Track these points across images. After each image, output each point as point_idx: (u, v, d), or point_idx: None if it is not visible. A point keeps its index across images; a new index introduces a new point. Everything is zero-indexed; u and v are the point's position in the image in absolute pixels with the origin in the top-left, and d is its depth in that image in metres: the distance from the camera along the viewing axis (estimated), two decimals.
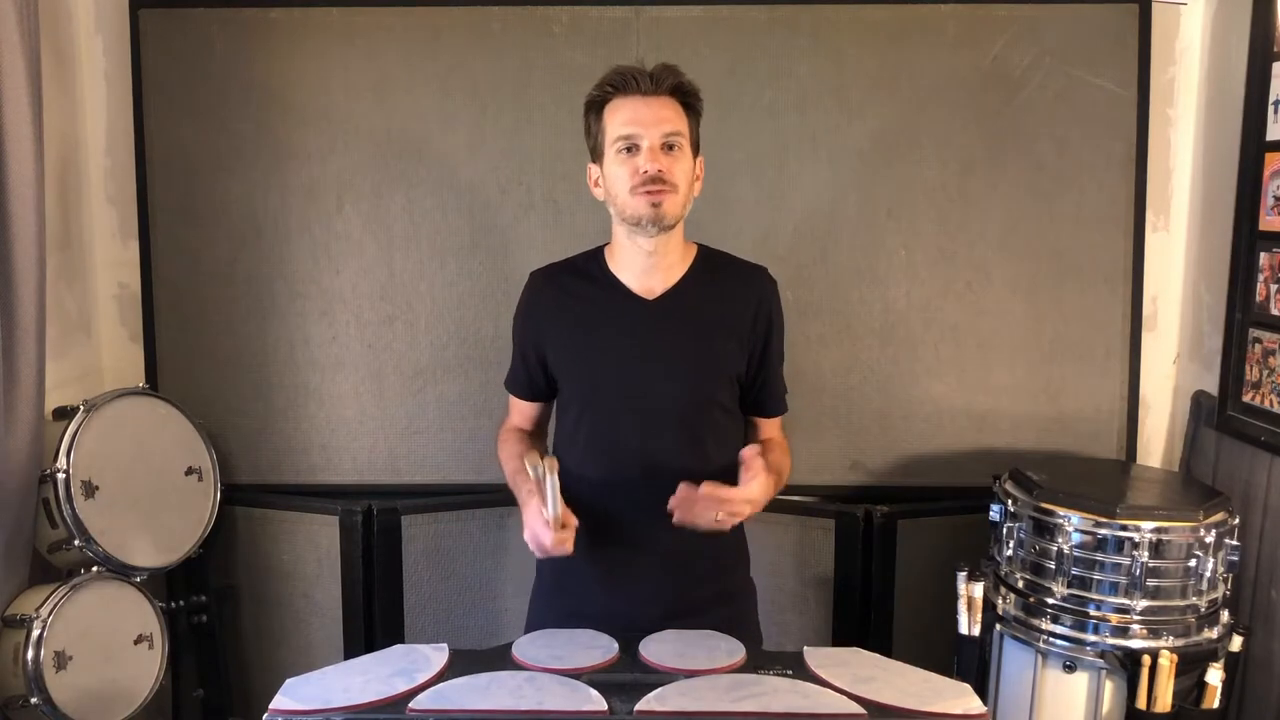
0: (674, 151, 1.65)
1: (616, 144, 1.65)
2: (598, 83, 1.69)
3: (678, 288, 1.75)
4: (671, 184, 1.64)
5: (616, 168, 1.66)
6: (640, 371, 1.74)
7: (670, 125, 1.64)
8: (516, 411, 1.93)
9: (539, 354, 1.82)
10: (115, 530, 2.19)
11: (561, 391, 1.84)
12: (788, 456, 1.87)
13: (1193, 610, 1.97)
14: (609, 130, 1.66)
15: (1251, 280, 2.26)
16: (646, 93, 1.64)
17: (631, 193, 1.64)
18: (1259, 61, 2.22)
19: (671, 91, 1.66)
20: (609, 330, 1.76)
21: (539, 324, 1.81)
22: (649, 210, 1.64)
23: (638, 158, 1.63)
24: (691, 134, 1.69)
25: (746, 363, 1.79)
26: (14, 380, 2.01)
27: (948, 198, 2.49)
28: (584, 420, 1.79)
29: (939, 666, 1.55)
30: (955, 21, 2.45)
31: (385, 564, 2.49)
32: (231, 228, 2.52)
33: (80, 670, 2.10)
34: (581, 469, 1.79)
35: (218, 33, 2.46)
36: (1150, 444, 2.63)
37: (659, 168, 1.62)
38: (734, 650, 1.57)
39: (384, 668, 1.50)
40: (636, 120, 1.63)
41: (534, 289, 1.83)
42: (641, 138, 1.63)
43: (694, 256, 1.79)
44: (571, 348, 1.79)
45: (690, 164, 1.69)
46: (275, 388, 2.56)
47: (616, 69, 1.67)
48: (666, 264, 1.74)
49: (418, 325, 2.55)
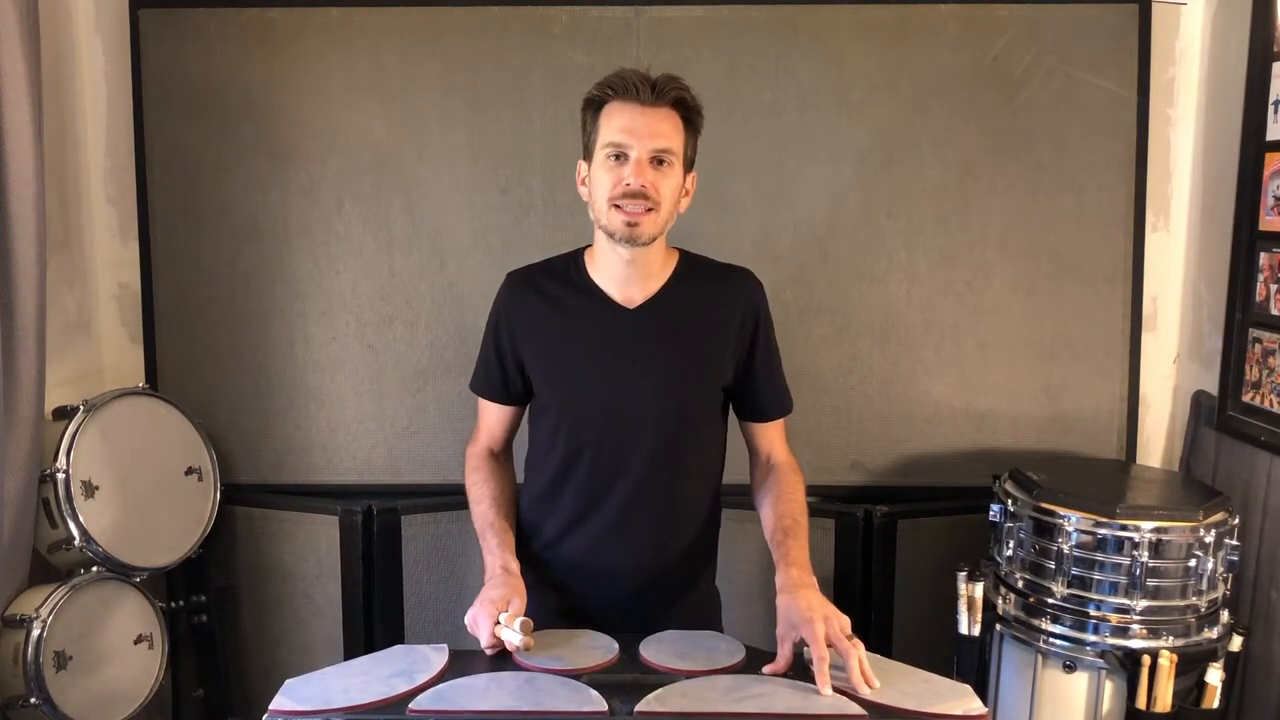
0: (663, 167, 1.60)
1: (606, 149, 1.60)
2: (600, 82, 1.64)
3: (659, 296, 1.70)
4: (654, 200, 1.59)
5: (602, 173, 1.61)
6: (619, 383, 1.69)
7: (663, 140, 1.59)
8: (484, 426, 1.84)
9: (517, 357, 1.75)
10: (115, 530, 2.18)
11: (538, 399, 1.78)
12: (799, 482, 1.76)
13: (1193, 610, 1.97)
14: (601, 133, 1.61)
15: (1251, 280, 2.26)
16: (645, 102, 1.58)
17: (610, 203, 1.60)
18: (1259, 61, 2.22)
19: (673, 104, 1.61)
20: (588, 340, 1.70)
21: (515, 328, 1.74)
22: (623, 228, 1.60)
23: (624, 168, 1.58)
24: (686, 150, 1.64)
25: (735, 368, 1.74)
26: (14, 380, 2.00)
27: (948, 198, 2.49)
28: (561, 429, 1.73)
29: (939, 666, 1.55)
30: (955, 21, 2.45)
31: (385, 564, 2.49)
32: (231, 228, 2.52)
33: (80, 670, 2.10)
34: (557, 478, 1.75)
35: (218, 33, 2.46)
36: (1150, 444, 2.63)
37: (643, 183, 1.57)
38: (734, 650, 1.57)
39: (384, 668, 1.49)
40: (630, 129, 1.58)
41: (509, 291, 1.77)
42: (631, 148, 1.58)
43: (675, 264, 1.73)
44: (549, 356, 1.73)
45: (679, 181, 1.63)
46: (275, 388, 2.56)
47: (620, 72, 1.62)
48: (646, 273, 1.69)
49: (418, 325, 2.55)
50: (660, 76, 1.61)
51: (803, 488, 1.77)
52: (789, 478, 1.77)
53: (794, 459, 1.82)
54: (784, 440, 1.83)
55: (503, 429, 1.84)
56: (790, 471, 1.78)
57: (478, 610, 1.57)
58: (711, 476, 1.82)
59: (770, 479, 1.79)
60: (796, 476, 1.78)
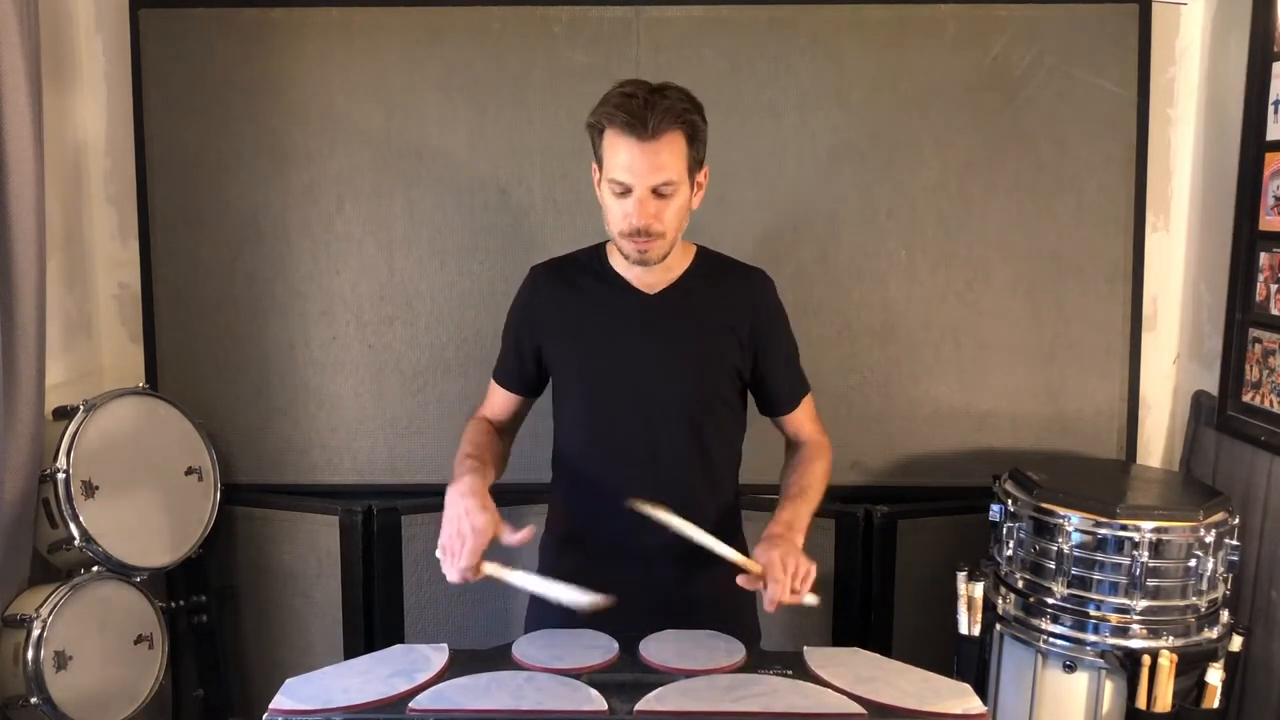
0: (665, 198, 1.63)
1: (610, 183, 1.64)
2: (599, 104, 1.64)
3: (678, 284, 1.77)
4: (658, 233, 1.64)
5: (610, 200, 1.66)
6: (641, 363, 1.76)
7: (663, 175, 1.61)
8: (493, 403, 1.90)
9: (534, 346, 1.83)
10: (115, 530, 2.18)
11: (561, 384, 1.85)
12: (821, 457, 1.84)
13: (1193, 610, 1.97)
14: (605, 162, 1.64)
15: (1251, 280, 2.26)
16: (643, 138, 1.58)
17: (620, 234, 1.66)
18: (1259, 61, 2.22)
19: (673, 126, 1.61)
20: (610, 322, 1.78)
21: (537, 316, 1.82)
22: (635, 254, 1.67)
23: (628, 202, 1.63)
24: (690, 163, 1.65)
25: (752, 363, 1.80)
26: (14, 380, 2.01)
27: (948, 198, 2.49)
28: (585, 411, 1.82)
29: (939, 666, 1.55)
30: (955, 21, 2.45)
31: (385, 564, 2.49)
32: (231, 228, 2.52)
33: (80, 670, 2.10)
34: (582, 460, 1.82)
35: (218, 33, 2.46)
36: (1150, 444, 2.63)
37: (646, 221, 1.62)
38: (734, 650, 1.57)
39: (384, 668, 1.50)
40: (630, 169, 1.60)
41: (534, 281, 1.85)
42: (634, 186, 1.61)
43: (693, 256, 1.81)
44: (572, 339, 1.80)
45: (684, 200, 1.67)
46: (275, 388, 2.56)
47: (619, 96, 1.61)
48: (665, 266, 1.76)
49: (418, 325, 2.55)
50: (658, 101, 1.60)
51: (824, 461, 1.83)
52: (809, 452, 1.84)
53: (823, 437, 1.88)
54: (812, 420, 1.90)
55: (506, 412, 1.91)
56: (813, 446, 1.85)
57: (454, 540, 1.58)
58: (732, 458, 1.88)
59: (793, 455, 1.87)
60: (819, 451, 1.85)
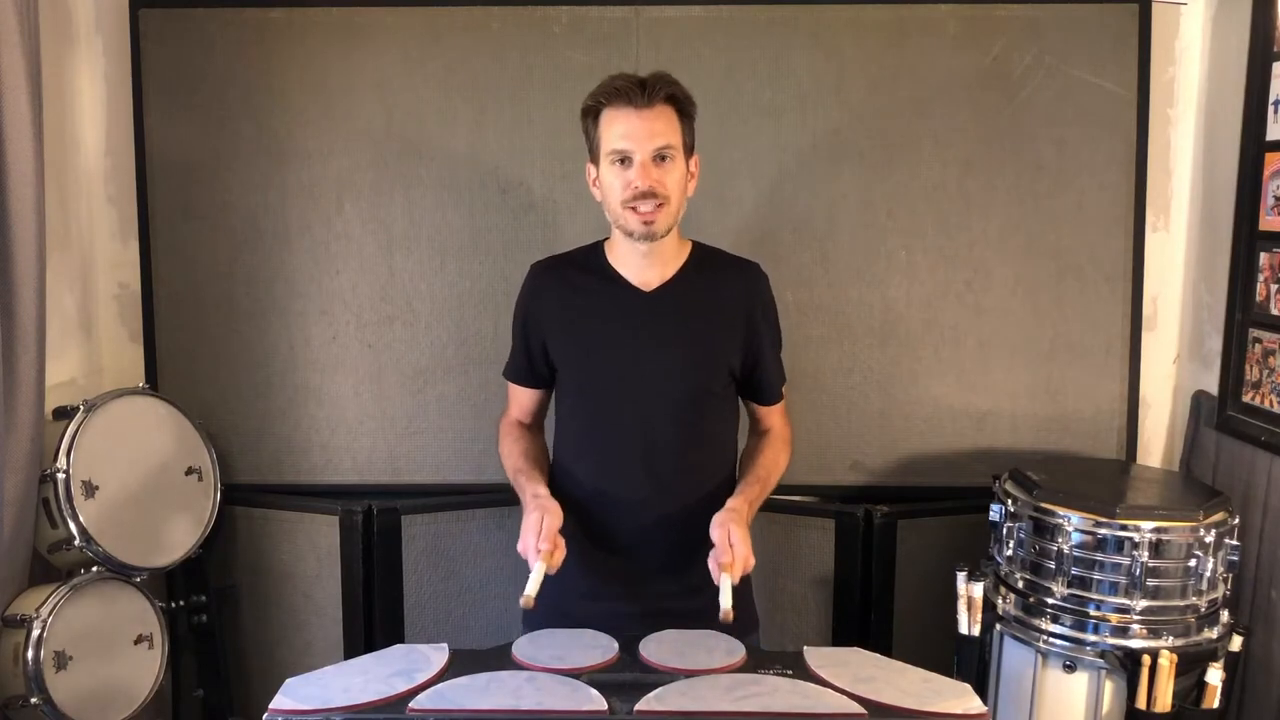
0: (666, 162, 1.70)
1: (610, 155, 1.71)
2: (594, 90, 1.73)
3: (674, 281, 1.81)
4: (663, 196, 1.69)
5: (611, 178, 1.72)
6: (638, 359, 1.80)
7: (662, 139, 1.69)
8: (515, 402, 1.96)
9: (540, 342, 1.87)
10: (115, 530, 2.18)
11: (562, 378, 1.88)
12: (785, 450, 1.91)
13: (1193, 610, 1.97)
14: (604, 140, 1.72)
15: (1251, 280, 2.26)
16: (639, 105, 1.67)
17: (623, 205, 1.71)
18: (1259, 61, 2.22)
19: (665, 99, 1.70)
20: (607, 319, 1.82)
21: (539, 313, 1.87)
22: (640, 227, 1.71)
23: (630, 170, 1.69)
24: (685, 139, 1.74)
25: (743, 355, 1.84)
26: (14, 380, 2.01)
27: (948, 198, 2.49)
28: (582, 406, 1.86)
29: (939, 666, 1.55)
30: (955, 21, 2.45)
31: (385, 564, 2.49)
32: (231, 228, 2.52)
33: (80, 670, 2.10)
34: (579, 455, 1.85)
35: (218, 33, 2.46)
36: (1150, 444, 2.63)
37: (650, 184, 1.68)
38: (734, 650, 1.57)
39: (384, 668, 1.50)
40: (629, 135, 1.68)
41: (534, 278, 1.89)
42: (634, 151, 1.68)
43: (689, 252, 1.85)
44: (570, 336, 1.84)
45: (683, 170, 1.74)
46: (275, 388, 2.56)
47: (611, 81, 1.71)
48: (662, 260, 1.80)
49: (418, 325, 2.55)
50: (650, 75, 1.70)
51: (785, 455, 1.90)
52: (773, 444, 1.90)
53: (789, 432, 1.95)
54: (783, 414, 1.96)
55: (531, 407, 1.97)
56: (777, 440, 1.92)
57: (534, 528, 1.65)
58: (728, 448, 1.91)
59: (756, 442, 1.92)
60: (783, 445, 1.91)
